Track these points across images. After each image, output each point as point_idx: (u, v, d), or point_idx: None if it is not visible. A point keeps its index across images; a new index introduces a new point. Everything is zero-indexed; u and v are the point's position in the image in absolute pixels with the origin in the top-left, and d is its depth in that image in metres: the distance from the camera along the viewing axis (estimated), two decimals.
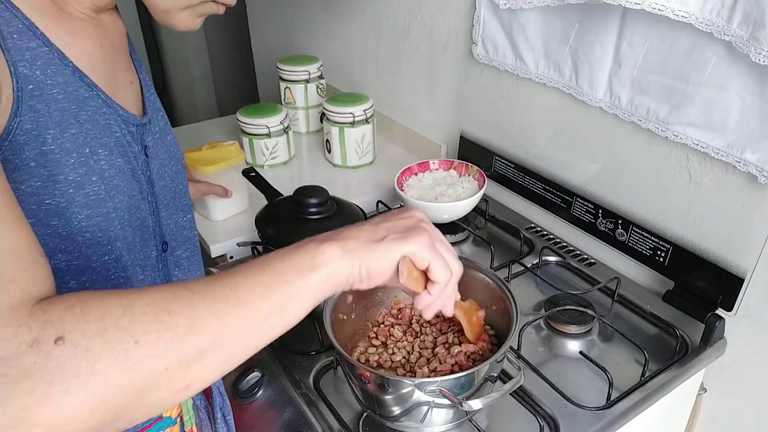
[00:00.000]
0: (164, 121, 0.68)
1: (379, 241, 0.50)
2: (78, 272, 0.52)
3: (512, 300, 0.71)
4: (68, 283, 0.52)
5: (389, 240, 0.50)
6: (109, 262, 0.54)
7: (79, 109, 0.51)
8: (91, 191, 0.51)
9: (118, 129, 0.55)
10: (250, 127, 1.33)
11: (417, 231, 0.52)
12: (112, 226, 0.53)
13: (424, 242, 0.51)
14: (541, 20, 0.98)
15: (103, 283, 0.54)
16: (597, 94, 0.93)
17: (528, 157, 1.11)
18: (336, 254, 0.47)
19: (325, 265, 0.46)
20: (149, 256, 0.61)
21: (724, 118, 0.78)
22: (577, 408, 0.74)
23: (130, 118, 0.58)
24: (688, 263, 0.88)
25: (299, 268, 0.45)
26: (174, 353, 0.38)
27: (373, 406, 0.69)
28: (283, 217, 0.95)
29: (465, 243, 1.10)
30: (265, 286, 0.43)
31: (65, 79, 0.49)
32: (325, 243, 0.47)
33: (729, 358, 0.86)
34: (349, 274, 0.48)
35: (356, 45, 1.53)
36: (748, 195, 0.79)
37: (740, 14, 0.70)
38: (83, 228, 0.51)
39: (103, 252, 0.53)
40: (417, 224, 0.53)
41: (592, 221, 1.01)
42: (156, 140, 0.63)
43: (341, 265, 0.47)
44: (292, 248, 0.47)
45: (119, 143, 0.55)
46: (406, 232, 0.52)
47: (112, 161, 0.54)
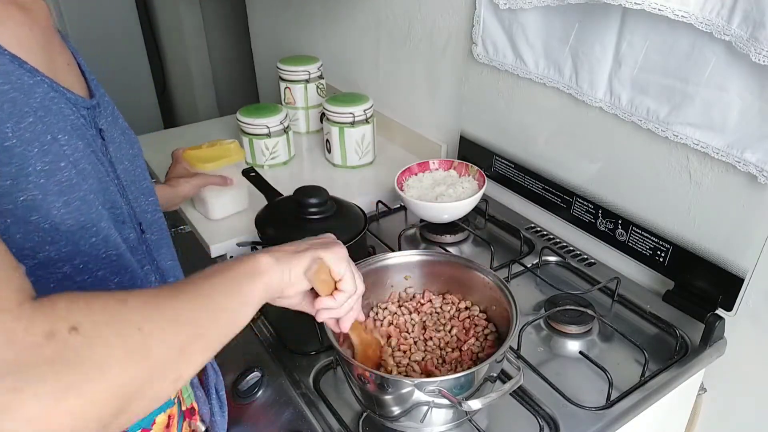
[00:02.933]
0: (112, 105, 0.66)
1: (303, 251, 0.58)
2: (69, 258, 0.52)
3: (512, 300, 0.71)
4: (62, 268, 0.52)
5: (311, 250, 0.58)
6: (97, 243, 0.54)
7: (27, 97, 0.49)
8: (63, 177, 0.50)
9: (70, 112, 0.54)
10: (250, 127, 1.33)
11: (335, 245, 0.61)
12: (93, 208, 0.53)
13: (341, 254, 0.60)
14: (541, 20, 0.98)
15: (96, 263, 0.54)
16: (597, 94, 0.93)
17: (528, 157, 1.11)
18: (270, 262, 0.55)
19: (265, 271, 0.54)
20: (127, 239, 0.61)
21: (724, 118, 0.78)
22: (577, 408, 0.74)
23: (79, 101, 0.56)
24: (688, 263, 0.88)
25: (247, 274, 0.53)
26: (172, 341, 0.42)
27: (372, 406, 0.69)
28: (283, 217, 0.95)
29: (465, 243, 1.10)
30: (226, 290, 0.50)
31: (5, 68, 0.47)
32: (258, 255, 0.55)
33: (729, 358, 0.86)
34: (280, 280, 0.56)
35: (356, 45, 1.53)
36: (748, 195, 0.79)
37: (740, 14, 0.70)
38: (64, 216, 0.50)
39: (90, 234, 0.53)
40: (334, 242, 0.62)
41: (592, 221, 1.01)
42: (109, 123, 0.62)
43: (275, 271, 0.55)
44: (232, 262, 0.53)
45: (75, 126, 0.54)
46: (326, 245, 0.60)
47: (74, 145, 0.52)
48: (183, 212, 1.22)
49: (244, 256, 0.55)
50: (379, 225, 1.17)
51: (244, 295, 0.52)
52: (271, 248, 0.58)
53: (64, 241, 0.51)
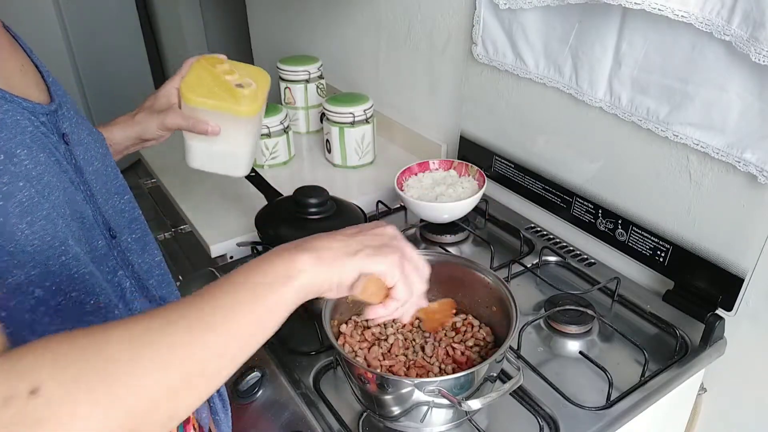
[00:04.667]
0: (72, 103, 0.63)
1: (353, 254, 0.50)
2: (39, 280, 0.49)
3: (512, 300, 0.71)
4: (33, 293, 0.49)
5: (363, 255, 0.50)
6: (67, 261, 0.51)
7: None
8: (23, 197, 0.47)
9: (28, 123, 0.51)
10: None
11: (389, 249, 0.52)
12: (58, 225, 0.50)
13: (394, 261, 0.52)
14: (541, 20, 0.98)
15: (69, 283, 0.51)
16: (597, 94, 0.93)
17: (528, 157, 1.11)
18: (310, 264, 0.46)
19: (299, 275, 0.46)
20: (96, 247, 0.58)
21: (724, 118, 0.78)
22: (577, 408, 0.74)
23: (37, 108, 0.53)
24: (688, 263, 0.88)
25: (275, 281, 0.45)
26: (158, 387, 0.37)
27: (372, 406, 0.70)
28: (283, 217, 0.95)
29: (465, 243, 1.10)
30: (244, 304, 0.43)
31: None
32: (298, 253, 0.47)
33: (729, 358, 0.86)
34: (321, 283, 0.48)
35: (356, 45, 1.53)
36: (748, 195, 0.79)
37: (740, 14, 0.70)
38: (28, 237, 0.47)
39: (59, 254, 0.50)
40: (390, 242, 0.54)
41: (592, 221, 1.01)
42: (74, 124, 0.59)
43: (315, 274, 0.47)
44: (265, 258, 0.46)
45: (35, 137, 0.51)
46: (380, 249, 0.52)
47: (35, 159, 0.49)
48: (183, 212, 1.22)
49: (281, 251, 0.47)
50: None
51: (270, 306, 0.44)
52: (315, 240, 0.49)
53: (32, 263, 0.48)
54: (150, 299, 0.66)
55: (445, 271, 0.81)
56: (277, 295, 0.44)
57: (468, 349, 0.75)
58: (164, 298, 0.69)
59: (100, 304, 0.55)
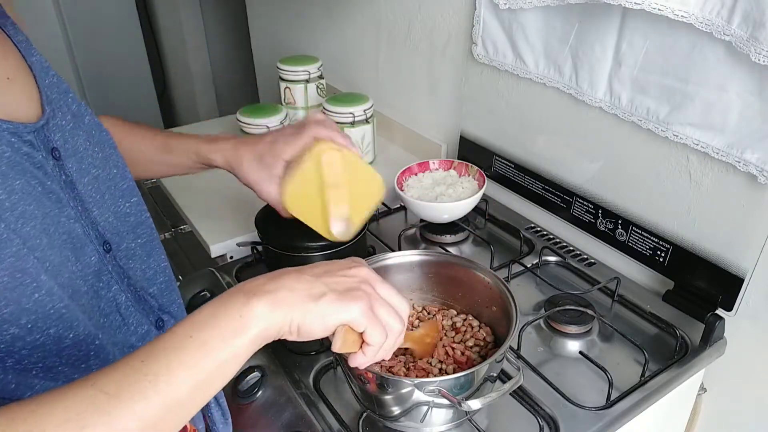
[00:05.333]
0: (76, 103, 0.59)
1: (316, 299, 0.48)
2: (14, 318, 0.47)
3: (512, 300, 0.71)
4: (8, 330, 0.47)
5: (326, 300, 0.48)
6: (41, 298, 0.48)
7: None
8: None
9: (6, 147, 0.48)
10: (250, 127, 1.33)
11: (355, 295, 0.50)
12: (29, 261, 0.47)
13: (361, 308, 0.50)
14: (541, 20, 0.98)
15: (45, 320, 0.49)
16: (597, 94, 0.93)
17: (528, 157, 1.11)
18: (264, 312, 0.45)
19: (252, 326, 0.44)
20: (89, 263, 0.56)
21: (724, 118, 0.78)
22: (577, 408, 0.74)
23: (20, 128, 0.50)
24: (688, 263, 0.88)
25: (225, 335, 0.43)
26: None
27: (372, 406, 0.69)
28: (283, 217, 0.95)
29: (465, 243, 1.10)
30: (188, 366, 0.41)
31: None
32: (253, 299, 0.45)
33: (729, 358, 0.86)
34: (278, 330, 0.46)
35: (356, 45, 1.53)
36: (748, 195, 0.79)
37: (740, 14, 0.70)
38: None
39: (31, 290, 0.48)
40: (358, 286, 0.51)
41: (592, 221, 1.01)
42: (68, 133, 0.56)
43: (270, 321, 0.45)
44: (215, 307, 0.44)
45: (13, 163, 0.48)
46: (345, 294, 0.49)
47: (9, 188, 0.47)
48: (183, 212, 1.22)
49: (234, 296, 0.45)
50: (379, 225, 1.17)
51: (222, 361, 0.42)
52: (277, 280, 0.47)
53: (3, 301, 0.46)
54: (148, 312, 0.64)
55: (445, 271, 0.81)
56: (230, 349, 0.43)
57: (468, 349, 0.75)
58: (164, 308, 0.68)
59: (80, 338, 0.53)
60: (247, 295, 0.45)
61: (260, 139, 0.75)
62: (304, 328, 0.47)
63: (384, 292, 0.54)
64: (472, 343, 0.76)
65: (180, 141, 0.79)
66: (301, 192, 0.70)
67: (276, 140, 0.73)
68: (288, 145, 0.71)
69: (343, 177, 0.71)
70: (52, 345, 0.50)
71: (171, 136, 0.80)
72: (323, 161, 0.69)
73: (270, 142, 0.73)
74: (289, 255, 0.88)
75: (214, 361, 0.42)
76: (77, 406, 0.37)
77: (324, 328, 0.49)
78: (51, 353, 0.51)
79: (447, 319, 0.81)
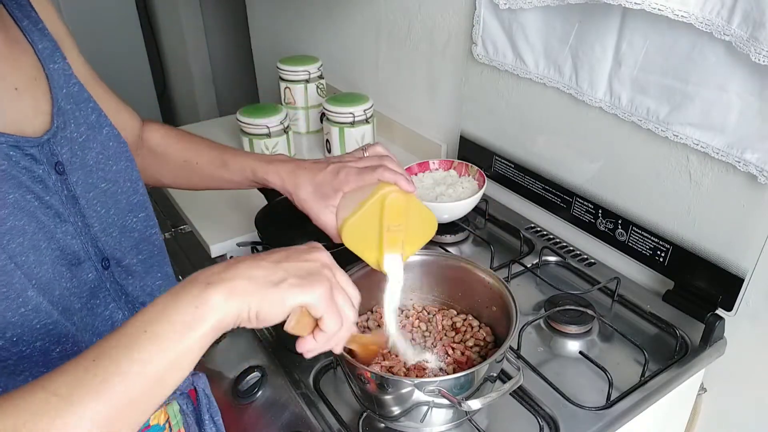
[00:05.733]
0: (95, 113, 0.58)
1: (276, 284, 0.46)
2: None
3: (512, 300, 0.71)
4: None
5: (286, 285, 0.47)
6: (27, 313, 0.48)
7: None
8: None
9: (3, 160, 0.47)
10: (250, 127, 1.32)
11: (317, 279, 0.49)
12: (15, 278, 0.47)
13: (322, 292, 0.48)
14: (541, 20, 0.98)
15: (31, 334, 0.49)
16: (597, 94, 0.93)
17: (528, 157, 1.11)
18: (220, 301, 0.43)
19: (208, 317, 0.42)
20: (85, 281, 0.55)
21: (724, 118, 0.78)
22: (577, 408, 0.74)
23: (22, 141, 0.49)
24: (688, 263, 0.88)
25: (179, 328, 0.41)
26: None
27: (372, 406, 0.69)
28: (283, 217, 0.95)
29: (465, 243, 1.10)
30: (142, 362, 0.40)
31: None
32: (209, 288, 0.43)
33: (729, 358, 0.86)
34: (236, 317, 0.44)
35: (356, 45, 1.53)
36: (748, 195, 0.79)
37: (740, 14, 0.70)
38: None
39: (17, 305, 0.47)
40: (319, 270, 0.50)
41: (592, 221, 1.01)
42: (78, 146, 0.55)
43: (226, 310, 0.43)
44: (170, 298, 0.43)
45: (7, 176, 0.48)
46: (305, 279, 0.48)
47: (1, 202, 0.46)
48: (183, 212, 1.22)
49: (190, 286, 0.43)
50: None
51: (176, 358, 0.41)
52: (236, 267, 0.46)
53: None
54: None
55: (445, 271, 0.81)
56: (185, 341, 0.41)
57: (468, 349, 0.75)
58: None
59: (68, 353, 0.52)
60: (203, 285, 0.43)
61: (321, 166, 0.72)
62: (263, 314, 0.46)
63: (342, 279, 0.53)
64: (472, 343, 0.76)
65: (236, 158, 0.77)
66: (359, 227, 0.69)
67: (338, 172, 0.70)
68: (350, 179, 0.70)
69: (402, 219, 0.71)
70: (39, 357, 0.50)
71: (227, 152, 0.78)
72: (387, 204, 0.69)
73: (331, 173, 0.71)
74: None
75: (169, 356, 0.41)
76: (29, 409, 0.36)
77: (282, 310, 0.47)
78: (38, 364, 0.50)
79: (447, 319, 0.81)
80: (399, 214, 0.70)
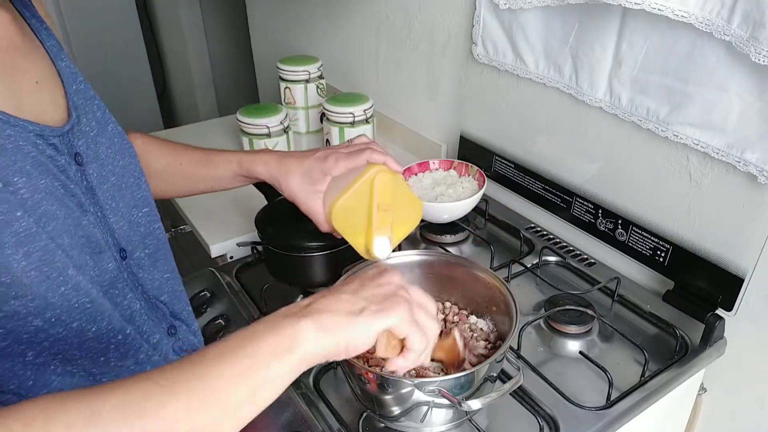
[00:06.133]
0: (101, 110, 0.60)
1: (358, 313, 0.48)
2: (39, 312, 0.48)
3: (512, 300, 0.71)
4: (32, 323, 0.48)
5: (369, 313, 0.49)
6: (66, 292, 0.50)
7: None
8: (20, 227, 0.46)
9: (32, 148, 0.49)
10: (250, 127, 1.33)
11: (396, 301, 0.51)
12: (57, 256, 0.48)
13: (403, 314, 0.50)
14: (541, 20, 0.98)
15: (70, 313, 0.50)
16: (597, 94, 0.93)
17: (528, 157, 1.11)
18: (312, 334, 0.45)
19: (301, 346, 0.44)
20: (106, 270, 0.56)
21: (724, 118, 0.78)
22: (577, 408, 0.74)
23: (46, 131, 0.51)
24: (688, 263, 0.88)
25: (275, 351, 0.43)
26: None
27: (372, 406, 0.70)
28: (283, 217, 0.95)
29: (465, 243, 1.10)
30: (239, 375, 0.41)
31: None
32: (301, 321, 0.45)
33: (729, 358, 0.86)
34: (326, 353, 0.46)
35: (356, 45, 1.54)
36: (748, 195, 0.79)
37: (740, 14, 0.70)
38: (25, 268, 0.46)
39: (57, 284, 0.49)
40: (396, 292, 0.52)
41: (592, 221, 1.01)
42: (92, 140, 0.57)
43: (318, 344, 0.45)
44: (266, 325, 0.45)
45: (38, 162, 0.49)
46: (385, 303, 0.50)
47: (33, 186, 0.48)
48: (183, 212, 1.22)
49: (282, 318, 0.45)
50: None
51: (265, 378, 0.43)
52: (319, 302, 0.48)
53: (30, 295, 0.47)
54: (161, 319, 0.65)
55: (445, 271, 0.81)
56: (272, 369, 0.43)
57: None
58: (176, 315, 0.68)
59: (102, 332, 0.54)
60: (295, 317, 0.46)
61: (308, 153, 0.74)
62: (352, 346, 0.48)
63: (417, 295, 0.54)
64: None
65: (220, 154, 0.78)
66: (349, 209, 0.70)
67: (327, 157, 0.72)
68: (339, 163, 0.71)
69: (391, 200, 0.72)
70: (74, 338, 0.51)
71: (211, 151, 0.79)
72: (376, 183, 0.70)
73: (319, 158, 0.72)
74: (289, 255, 0.88)
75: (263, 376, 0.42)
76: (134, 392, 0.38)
77: (369, 339, 0.49)
78: (72, 346, 0.52)
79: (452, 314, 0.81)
80: (388, 193, 0.71)
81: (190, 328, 0.71)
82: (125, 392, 0.37)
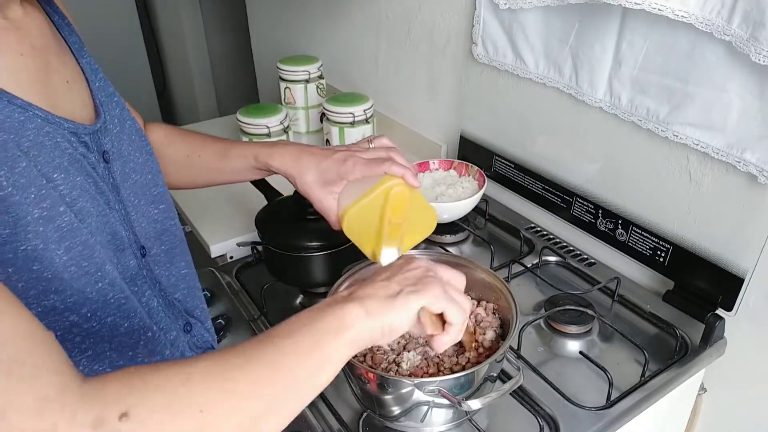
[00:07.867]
0: (119, 107, 0.61)
1: (395, 296, 0.51)
2: (76, 307, 0.49)
3: (512, 300, 0.71)
4: (68, 318, 0.49)
5: (405, 294, 0.51)
6: (103, 288, 0.51)
7: (19, 137, 0.45)
8: (62, 222, 0.47)
9: (68, 144, 0.50)
10: (250, 127, 1.33)
11: (428, 281, 0.53)
12: (95, 252, 0.50)
13: (437, 291, 0.53)
14: (541, 20, 0.98)
15: (105, 309, 0.51)
16: (597, 94, 0.93)
17: (528, 157, 1.11)
18: (360, 315, 0.48)
19: (352, 326, 0.47)
20: (128, 267, 0.57)
21: (724, 118, 0.78)
22: (577, 408, 0.74)
23: (79, 129, 0.52)
24: (688, 263, 0.88)
25: (331, 330, 0.46)
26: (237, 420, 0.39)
27: (372, 406, 0.70)
28: (283, 217, 0.95)
29: (465, 243, 1.10)
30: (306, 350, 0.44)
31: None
32: (348, 304, 0.48)
33: (729, 358, 0.86)
34: (371, 336, 0.49)
35: (356, 45, 1.53)
36: (748, 195, 0.79)
37: (740, 14, 0.70)
38: (66, 263, 0.47)
39: (95, 280, 0.50)
40: (425, 274, 0.55)
41: (592, 221, 1.01)
42: (115, 137, 0.58)
43: (365, 326, 0.48)
44: (318, 311, 0.47)
45: (73, 159, 0.50)
46: (418, 284, 0.53)
47: (71, 182, 0.49)
48: (183, 212, 1.22)
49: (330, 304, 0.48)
50: None
51: (326, 356, 0.45)
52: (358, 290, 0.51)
53: (69, 290, 0.48)
54: (177, 316, 0.66)
55: None
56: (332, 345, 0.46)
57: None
58: (190, 312, 0.69)
59: (134, 327, 0.55)
60: (341, 302, 0.48)
61: (327, 153, 0.71)
62: (395, 326, 0.50)
63: (446, 273, 0.57)
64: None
65: (238, 146, 0.78)
66: (361, 217, 0.69)
67: (345, 160, 0.70)
68: (357, 169, 0.69)
69: (404, 214, 0.71)
70: (106, 333, 0.52)
71: (229, 143, 0.79)
72: (390, 197, 0.69)
73: (338, 160, 0.70)
74: (289, 255, 0.88)
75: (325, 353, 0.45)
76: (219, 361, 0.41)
77: (409, 316, 0.51)
78: (103, 339, 0.53)
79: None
80: (402, 208, 0.70)
81: (204, 325, 0.71)
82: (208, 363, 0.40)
